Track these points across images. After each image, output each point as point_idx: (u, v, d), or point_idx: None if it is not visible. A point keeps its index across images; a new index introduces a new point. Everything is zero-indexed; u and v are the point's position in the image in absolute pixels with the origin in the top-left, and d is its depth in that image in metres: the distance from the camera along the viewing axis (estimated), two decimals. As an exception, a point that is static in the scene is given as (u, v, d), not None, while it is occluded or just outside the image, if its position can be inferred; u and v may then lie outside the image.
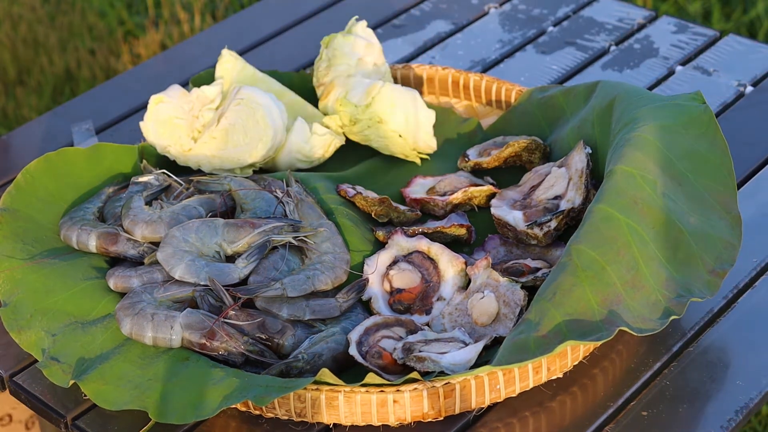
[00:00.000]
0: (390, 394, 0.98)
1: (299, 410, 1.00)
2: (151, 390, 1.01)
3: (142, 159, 1.25)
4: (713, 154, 1.12)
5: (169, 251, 1.09)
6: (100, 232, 1.14)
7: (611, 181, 1.08)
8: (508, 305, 1.06)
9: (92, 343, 1.05)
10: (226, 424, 1.02)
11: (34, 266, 1.12)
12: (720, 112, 1.37)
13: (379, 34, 1.55)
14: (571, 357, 1.03)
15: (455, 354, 1.01)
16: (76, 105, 1.48)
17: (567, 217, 1.13)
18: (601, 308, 1.01)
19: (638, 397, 1.02)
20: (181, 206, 1.16)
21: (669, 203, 1.07)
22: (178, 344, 1.04)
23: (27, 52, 2.91)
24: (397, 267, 1.12)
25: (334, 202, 1.19)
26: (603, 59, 1.48)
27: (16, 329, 1.07)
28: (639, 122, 1.13)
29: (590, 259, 1.03)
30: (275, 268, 1.09)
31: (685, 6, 2.74)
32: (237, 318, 1.04)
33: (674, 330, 1.08)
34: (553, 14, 1.58)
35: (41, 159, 1.21)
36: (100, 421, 1.03)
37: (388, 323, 1.06)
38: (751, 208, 1.20)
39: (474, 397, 1.00)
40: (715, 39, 1.51)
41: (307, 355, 1.02)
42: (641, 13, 1.56)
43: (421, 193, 1.23)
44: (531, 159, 1.24)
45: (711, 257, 1.07)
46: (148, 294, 1.08)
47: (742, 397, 1.02)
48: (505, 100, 1.34)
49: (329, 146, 1.27)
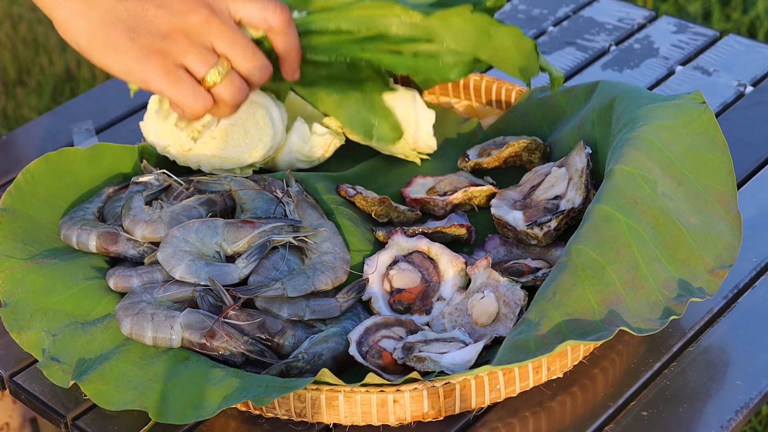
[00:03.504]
0: (390, 394, 0.99)
1: (299, 410, 1.00)
2: (151, 390, 1.01)
3: (142, 159, 1.25)
4: (713, 154, 1.12)
5: (170, 251, 1.09)
6: (100, 232, 1.14)
7: (611, 181, 1.08)
8: (508, 305, 1.06)
9: (92, 343, 1.05)
10: (226, 424, 1.02)
11: (34, 266, 1.12)
12: (720, 112, 1.38)
13: (379, 34, 1.55)
14: (571, 357, 1.03)
15: (455, 354, 1.01)
16: (76, 105, 1.48)
17: (567, 217, 1.14)
18: (601, 308, 1.01)
19: (638, 397, 1.02)
20: (181, 206, 1.16)
21: (669, 203, 1.07)
22: (178, 344, 1.04)
23: (27, 52, 2.91)
24: (397, 267, 1.12)
25: (334, 202, 1.19)
26: (603, 59, 1.48)
27: (16, 329, 1.07)
28: (639, 122, 1.13)
29: (590, 259, 1.03)
30: (275, 268, 1.09)
31: (685, 6, 2.74)
32: (237, 318, 1.04)
33: (674, 330, 1.08)
34: (553, 14, 1.58)
35: (41, 159, 1.21)
36: (100, 421, 1.03)
37: (388, 323, 1.06)
38: (751, 208, 1.20)
39: (474, 397, 1.00)
40: (715, 39, 1.51)
41: (307, 355, 1.02)
42: (641, 13, 1.57)
43: (421, 193, 1.23)
44: (531, 159, 1.25)
45: (711, 257, 1.07)
46: (148, 294, 1.08)
47: (742, 397, 1.02)
48: (505, 100, 1.34)
49: (329, 146, 1.27)
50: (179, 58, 1.09)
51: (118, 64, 1.09)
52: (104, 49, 1.08)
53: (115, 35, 1.08)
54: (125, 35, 1.08)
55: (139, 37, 1.08)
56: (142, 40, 1.08)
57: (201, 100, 1.10)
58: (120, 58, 1.08)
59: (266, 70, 1.13)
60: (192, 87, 1.10)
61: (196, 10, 1.09)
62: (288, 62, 1.17)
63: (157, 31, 1.08)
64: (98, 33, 1.08)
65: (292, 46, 1.16)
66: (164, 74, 1.08)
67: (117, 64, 1.09)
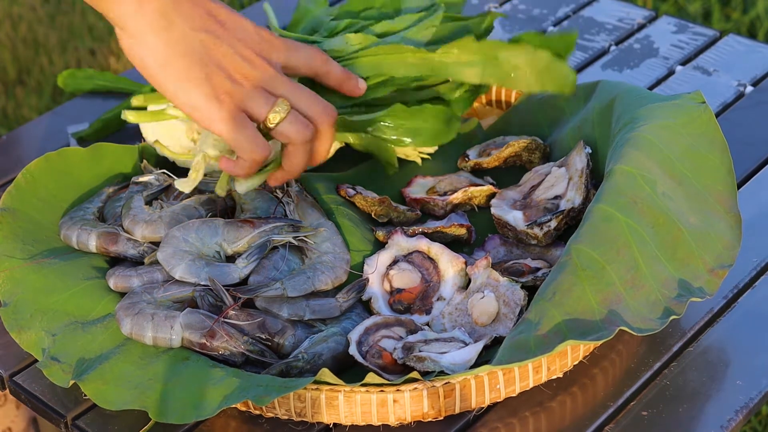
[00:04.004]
0: (390, 394, 0.98)
1: (299, 410, 1.00)
2: (151, 390, 1.01)
3: (142, 159, 1.25)
4: (713, 154, 1.12)
5: (170, 251, 1.09)
6: (100, 232, 1.14)
7: (611, 180, 1.08)
8: (508, 305, 1.06)
9: (92, 343, 1.06)
10: (226, 424, 1.02)
11: (34, 266, 1.12)
12: (720, 112, 1.37)
13: (379, 34, 1.55)
14: (571, 357, 1.03)
15: (455, 354, 1.01)
16: (76, 105, 1.47)
17: (567, 217, 1.14)
18: (601, 308, 1.01)
19: (638, 397, 1.02)
20: (181, 206, 1.16)
21: (669, 203, 1.07)
22: (178, 344, 1.04)
23: (27, 52, 2.91)
24: (397, 267, 1.12)
25: (334, 202, 1.19)
26: (603, 59, 1.48)
27: (16, 329, 1.07)
28: (639, 122, 1.13)
29: (590, 259, 1.03)
30: (275, 268, 1.09)
31: (685, 6, 2.74)
32: (237, 318, 1.04)
33: (674, 330, 1.08)
34: (553, 14, 1.58)
35: (41, 159, 1.21)
36: (100, 421, 1.03)
37: (388, 323, 1.06)
38: (751, 208, 1.20)
39: (474, 397, 1.00)
40: (715, 39, 1.51)
41: (307, 355, 1.02)
42: (641, 13, 1.57)
43: (421, 193, 1.23)
44: (531, 159, 1.25)
45: (711, 257, 1.07)
46: (148, 294, 1.08)
47: (742, 397, 1.02)
48: (505, 100, 1.34)
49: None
50: (243, 102, 1.07)
51: (187, 97, 1.05)
52: (178, 78, 1.05)
53: (193, 67, 1.05)
54: (201, 69, 1.05)
55: (211, 73, 1.05)
56: (215, 78, 1.05)
57: (261, 147, 1.08)
58: (192, 91, 1.05)
59: (329, 109, 1.11)
60: (253, 132, 1.07)
61: (256, 60, 1.08)
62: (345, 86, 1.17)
63: (227, 71, 1.06)
64: (175, 60, 1.05)
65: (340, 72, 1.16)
66: (230, 118, 1.06)
67: (186, 95, 1.05)
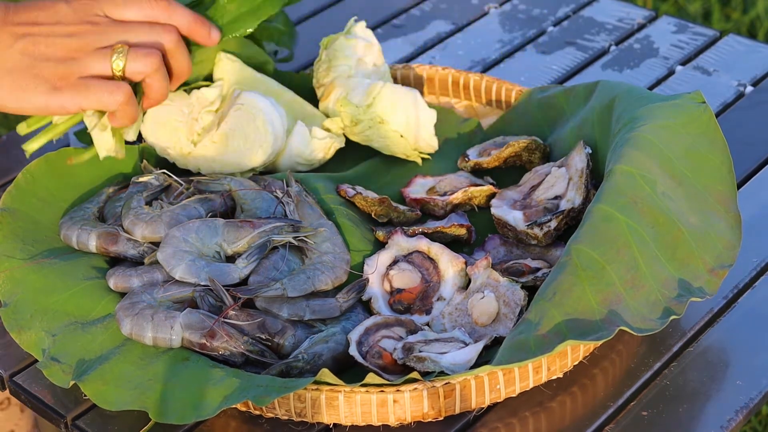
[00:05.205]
0: (390, 394, 0.98)
1: (299, 410, 1.00)
2: (151, 390, 1.01)
3: (142, 159, 1.25)
4: (713, 154, 1.12)
5: (170, 251, 1.09)
6: (100, 232, 1.14)
7: (611, 180, 1.08)
8: (508, 305, 1.06)
9: (92, 343, 1.05)
10: (226, 424, 1.02)
11: (34, 266, 1.12)
12: (720, 112, 1.37)
13: (379, 34, 1.55)
14: (571, 357, 1.03)
15: (455, 354, 1.01)
16: (76, 105, 1.47)
17: (567, 217, 1.14)
18: (601, 308, 1.01)
19: (638, 397, 1.02)
20: (181, 206, 1.16)
21: (669, 203, 1.07)
22: (178, 344, 1.04)
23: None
24: (397, 267, 1.12)
25: (334, 202, 1.19)
26: (603, 59, 1.48)
27: (16, 329, 1.07)
28: (639, 122, 1.13)
29: (590, 259, 1.03)
30: (275, 268, 1.09)
31: (685, 6, 2.74)
32: (237, 318, 1.04)
33: (674, 330, 1.08)
34: (553, 14, 1.58)
35: (41, 159, 1.21)
36: (100, 421, 1.03)
37: (388, 323, 1.06)
38: (751, 208, 1.20)
39: (474, 397, 1.00)
40: (715, 39, 1.51)
41: (307, 355, 1.02)
42: (641, 13, 1.57)
43: (421, 193, 1.23)
44: (531, 159, 1.25)
45: (711, 257, 1.07)
46: (148, 294, 1.08)
47: (742, 397, 1.02)
48: (505, 100, 1.34)
49: (329, 149, 1.27)
50: (85, 72, 1.11)
51: (31, 103, 1.11)
52: (13, 91, 1.10)
53: (22, 76, 1.10)
54: (28, 73, 1.10)
55: (40, 71, 1.10)
56: (45, 72, 1.10)
57: (117, 90, 1.12)
58: (31, 96, 1.10)
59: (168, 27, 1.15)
60: (103, 85, 1.11)
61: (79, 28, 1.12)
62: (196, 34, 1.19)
63: (54, 58, 1.10)
64: (3, 79, 1.10)
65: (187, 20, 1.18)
66: (75, 92, 1.10)
67: (30, 103, 1.11)
